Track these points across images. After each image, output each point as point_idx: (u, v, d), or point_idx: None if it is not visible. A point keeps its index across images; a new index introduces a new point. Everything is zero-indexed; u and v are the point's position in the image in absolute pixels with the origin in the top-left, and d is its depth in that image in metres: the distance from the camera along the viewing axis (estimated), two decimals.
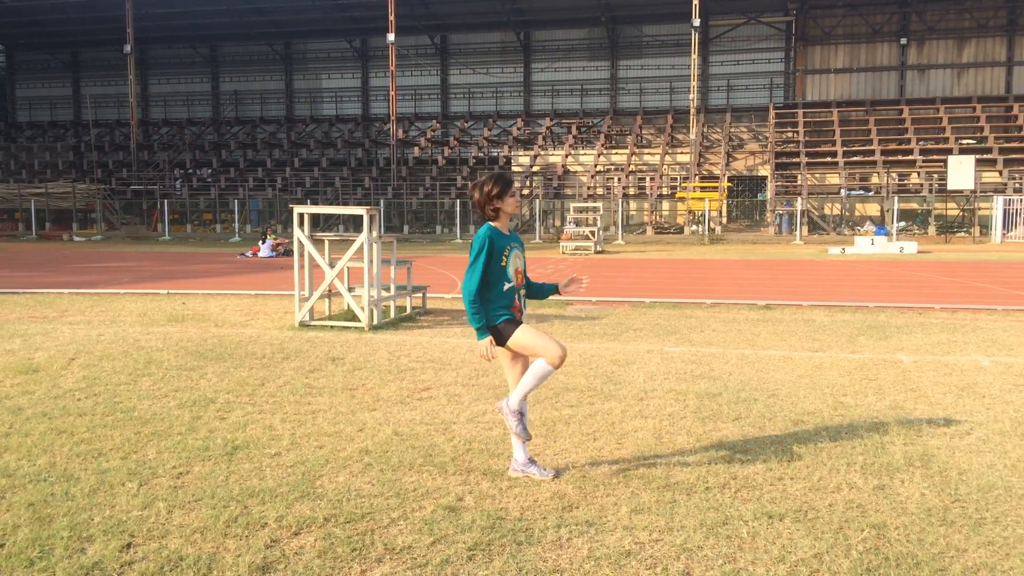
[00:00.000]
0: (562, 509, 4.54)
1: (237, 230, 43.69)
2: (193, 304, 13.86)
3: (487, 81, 56.97)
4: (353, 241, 11.35)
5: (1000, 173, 39.59)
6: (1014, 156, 40.71)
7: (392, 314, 12.02)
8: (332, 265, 11.49)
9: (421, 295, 13.13)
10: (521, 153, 49.71)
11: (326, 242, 11.92)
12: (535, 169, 47.66)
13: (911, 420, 6.36)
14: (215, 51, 61.86)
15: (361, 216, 11.14)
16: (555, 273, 20.98)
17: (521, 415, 4.98)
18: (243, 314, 12.59)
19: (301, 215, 11.41)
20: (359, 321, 11.15)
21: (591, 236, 30.82)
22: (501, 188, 4.92)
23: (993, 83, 48.65)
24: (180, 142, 58.20)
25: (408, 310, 12.52)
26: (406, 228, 45.15)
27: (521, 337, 4.89)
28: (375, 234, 11.39)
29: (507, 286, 4.92)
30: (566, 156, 47.93)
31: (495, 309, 4.89)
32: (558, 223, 43.01)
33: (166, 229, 43.09)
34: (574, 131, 51.19)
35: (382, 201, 44.11)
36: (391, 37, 45.72)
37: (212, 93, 62.14)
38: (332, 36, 57.96)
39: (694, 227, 40.74)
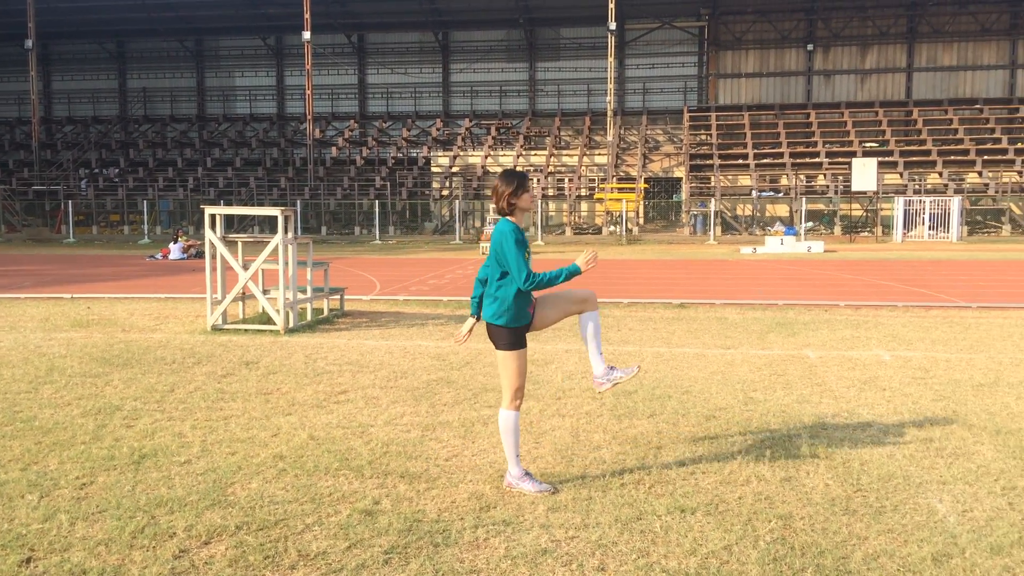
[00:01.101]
0: (479, 509, 4.55)
1: (146, 232, 42.33)
2: (99, 308, 13.37)
3: (406, 81, 56.62)
4: (268, 243, 11.13)
5: (901, 175, 41.31)
6: (914, 159, 42.54)
7: (309, 317, 11.83)
8: (246, 267, 11.24)
9: (339, 297, 12.96)
10: (440, 154, 49.55)
11: (239, 244, 11.65)
12: (454, 170, 47.57)
13: (817, 414, 6.59)
14: (122, 47, 59.78)
15: (276, 217, 10.94)
16: (475, 274, 20.98)
17: (611, 368, 5.02)
18: (152, 318, 12.21)
19: (213, 216, 11.13)
20: (274, 324, 10.94)
21: None
22: (517, 185, 4.90)
23: (894, 88, 50.73)
24: (85, 141, 56.03)
25: (325, 312, 12.35)
26: (324, 229, 44.49)
27: (546, 306, 4.92)
28: (291, 235, 11.19)
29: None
30: (486, 157, 47.99)
31: (523, 308, 4.82)
32: (478, 224, 43.04)
33: (71, 231, 41.42)
34: (493, 132, 51.30)
35: (299, 202, 43.37)
36: (307, 35, 45.00)
37: (119, 90, 60.06)
38: (246, 33, 56.71)
39: (612, 228, 41.31)
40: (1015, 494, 4.75)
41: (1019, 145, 42.79)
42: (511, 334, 4.81)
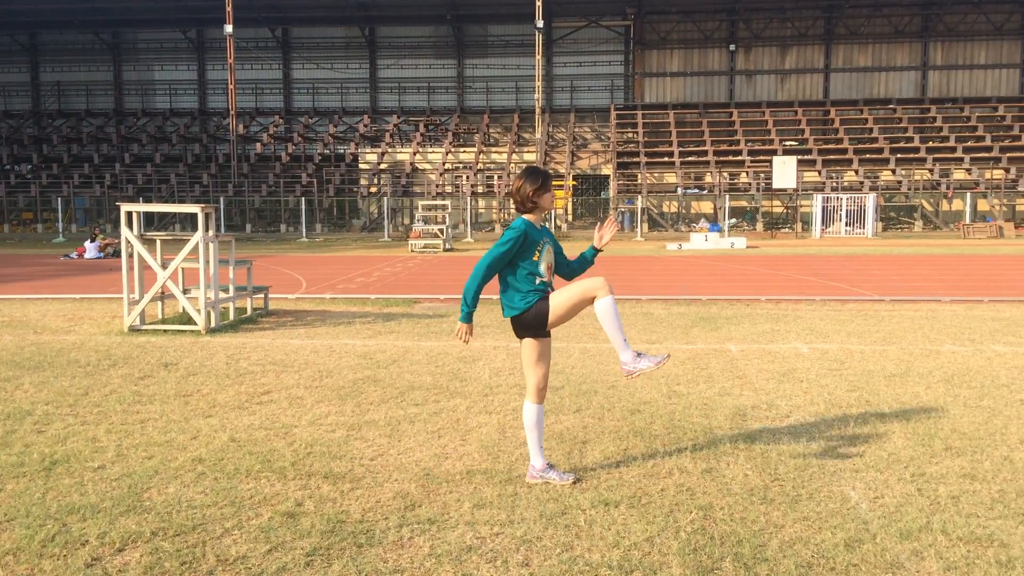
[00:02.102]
0: (404, 508, 4.52)
1: (61, 230, 40.85)
2: (9, 310, 12.85)
3: (332, 77, 55.89)
4: (188, 241, 10.85)
5: (819, 173, 42.57)
6: (831, 157, 43.88)
7: (231, 316, 11.58)
8: (165, 266, 10.94)
9: (263, 296, 12.73)
10: (368, 150, 49.08)
11: (158, 242, 11.34)
12: (383, 167, 47.19)
13: (737, 406, 6.74)
14: (34, 39, 57.56)
15: (196, 214, 10.67)
16: (404, 272, 20.85)
17: (638, 355, 4.85)
18: (66, 319, 11.79)
19: (129, 213, 10.80)
20: (195, 324, 10.68)
21: (440, 234, 30.84)
22: (542, 183, 4.90)
23: (812, 88, 52.23)
24: None
25: (249, 312, 12.10)
26: (249, 227, 43.66)
27: (558, 299, 4.82)
28: (211, 233, 10.94)
29: (537, 280, 4.88)
30: (414, 154, 47.72)
31: (524, 296, 4.82)
32: (407, 221, 42.78)
33: None
34: (422, 129, 51.05)
35: (222, 199, 42.42)
36: (229, 28, 44.03)
37: (31, 84, 57.83)
38: (165, 26, 55.19)
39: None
40: (923, 480, 4.94)
41: (930, 144, 44.50)
42: (514, 323, 4.87)
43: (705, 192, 43.01)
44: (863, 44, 51.56)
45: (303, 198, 41.39)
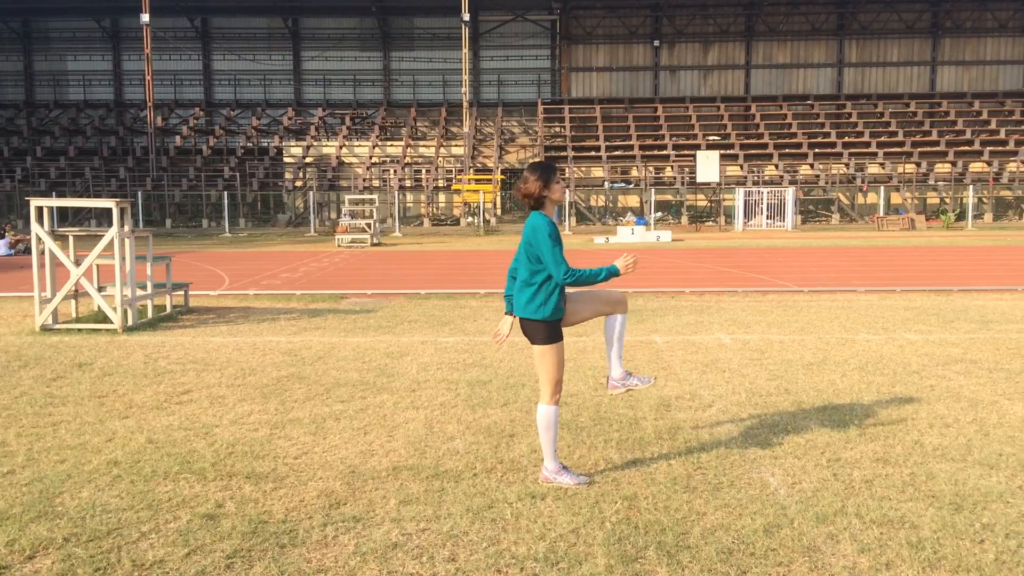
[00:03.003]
0: (329, 507, 4.46)
1: None
2: None
3: (254, 68, 54.72)
4: (103, 236, 10.49)
5: (741, 167, 43.54)
6: (753, 152, 44.91)
7: (150, 314, 11.25)
8: (79, 263, 10.56)
9: (183, 293, 12.39)
10: (293, 144, 48.26)
11: (71, 238, 10.94)
12: (308, 160, 46.46)
13: (662, 396, 6.84)
14: None
15: (111, 209, 10.32)
16: (330, 267, 20.58)
17: (629, 373, 5.07)
18: None
19: (40, 208, 10.39)
20: (111, 323, 10.34)
21: (367, 228, 30.53)
22: (548, 177, 4.85)
23: (734, 84, 53.34)
24: None
25: (168, 309, 11.77)
26: (169, 222, 42.48)
27: (579, 304, 4.89)
28: (127, 228, 10.59)
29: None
30: (340, 147, 47.11)
31: (558, 300, 4.74)
32: (334, 216, 42.22)
33: None
34: (348, 122, 50.41)
35: (140, 193, 41.16)
36: (145, 18, 42.71)
37: None
38: (78, 14, 53.20)
39: (470, 219, 41.48)
40: (839, 465, 5.09)
41: (846, 139, 45.92)
42: (548, 328, 4.74)
43: (631, 186, 43.56)
44: (782, 41, 52.87)
45: (226, 192, 40.46)
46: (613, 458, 5.26)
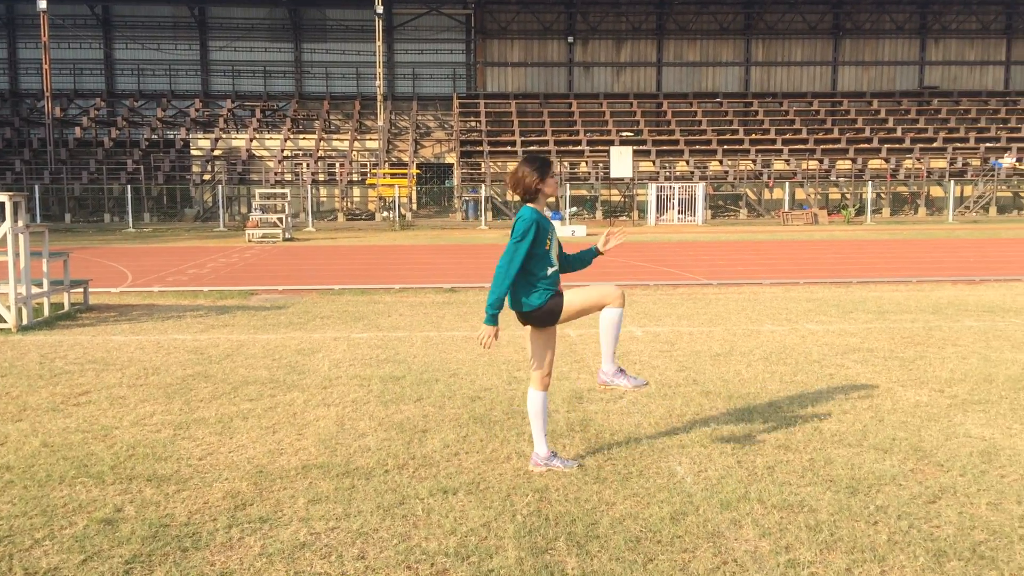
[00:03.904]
0: (234, 508, 4.35)
1: None
2: None
3: (159, 58, 52.94)
4: None
5: (653, 163, 44.32)
6: (664, 148, 45.77)
7: (46, 313, 10.77)
8: None
9: (82, 290, 11.91)
10: (201, 136, 46.90)
11: None
12: (217, 153, 45.24)
13: (574, 389, 6.91)
14: None
15: (3, 203, 9.84)
16: (240, 262, 20.09)
17: (621, 371, 4.96)
18: None
19: None
20: (4, 322, 9.86)
21: (279, 223, 29.93)
22: (545, 171, 4.83)
23: (646, 81, 54.23)
24: None
25: (66, 307, 11.30)
26: (68, 217, 40.76)
27: (574, 299, 4.84)
28: (21, 223, 10.11)
29: (550, 271, 4.82)
30: (251, 140, 46.01)
31: (540, 290, 4.77)
32: (244, 210, 41.22)
33: None
34: (259, 114, 49.27)
35: (36, 187, 39.35)
36: (42, 4, 40.78)
37: None
38: None
39: (385, 213, 41.10)
40: (743, 453, 5.24)
41: (753, 136, 47.23)
42: (544, 311, 4.82)
43: None
44: (692, 40, 54.00)
45: (129, 186, 39.04)
46: (526, 451, 5.28)
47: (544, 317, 4.83)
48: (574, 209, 41.91)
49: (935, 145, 45.90)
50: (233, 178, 42.70)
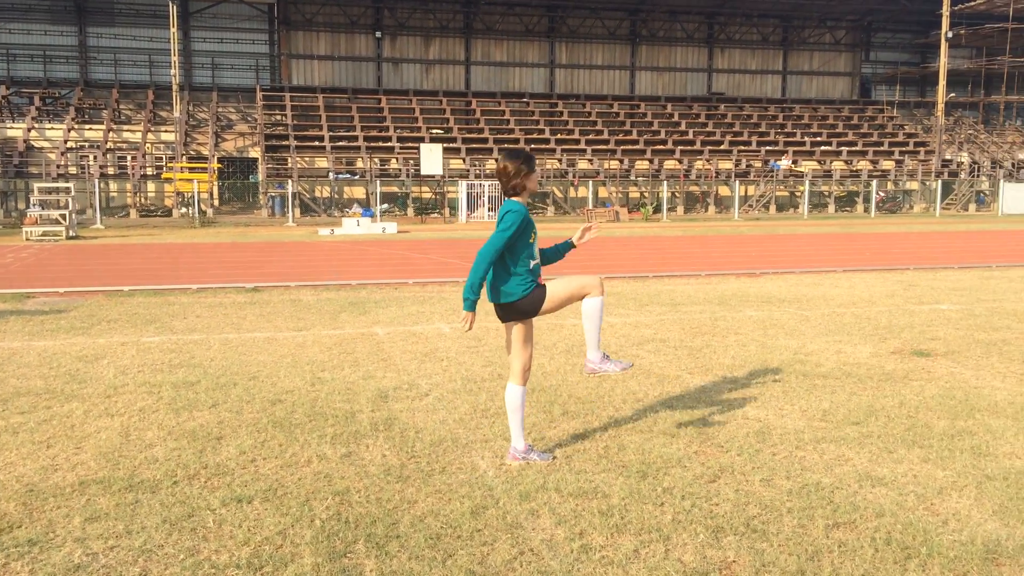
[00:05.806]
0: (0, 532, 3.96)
1: None
2: None
3: None
4: None
5: (464, 161, 44.74)
6: (474, 146, 46.31)
7: None
8: None
9: None
10: None
11: None
12: None
13: (380, 388, 6.84)
14: None
15: None
16: (15, 263, 18.37)
17: (607, 358, 5.06)
18: None
19: None
20: None
21: (62, 220, 27.65)
22: (531, 165, 4.92)
23: (455, 79, 54.62)
24: None
25: None
26: None
27: (557, 289, 4.91)
28: None
29: (532, 263, 4.87)
30: (29, 130, 42.19)
31: (523, 282, 4.82)
32: (21, 206, 37.74)
33: None
34: (38, 102, 45.25)
35: None
36: None
37: None
38: None
39: (183, 209, 38.96)
40: (543, 443, 5.38)
41: (559, 136, 48.76)
42: (505, 309, 4.89)
43: (357, 177, 43.20)
44: (499, 40, 54.93)
45: None
46: (327, 453, 5.17)
47: (527, 308, 4.91)
48: (385, 206, 41.56)
49: (722, 147, 49.27)
50: (9, 171, 39.01)
